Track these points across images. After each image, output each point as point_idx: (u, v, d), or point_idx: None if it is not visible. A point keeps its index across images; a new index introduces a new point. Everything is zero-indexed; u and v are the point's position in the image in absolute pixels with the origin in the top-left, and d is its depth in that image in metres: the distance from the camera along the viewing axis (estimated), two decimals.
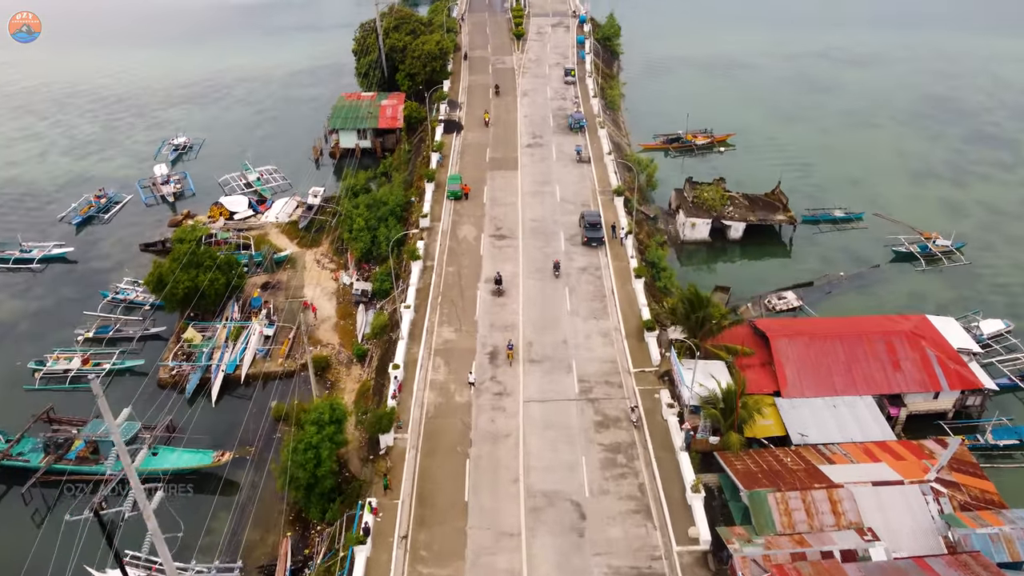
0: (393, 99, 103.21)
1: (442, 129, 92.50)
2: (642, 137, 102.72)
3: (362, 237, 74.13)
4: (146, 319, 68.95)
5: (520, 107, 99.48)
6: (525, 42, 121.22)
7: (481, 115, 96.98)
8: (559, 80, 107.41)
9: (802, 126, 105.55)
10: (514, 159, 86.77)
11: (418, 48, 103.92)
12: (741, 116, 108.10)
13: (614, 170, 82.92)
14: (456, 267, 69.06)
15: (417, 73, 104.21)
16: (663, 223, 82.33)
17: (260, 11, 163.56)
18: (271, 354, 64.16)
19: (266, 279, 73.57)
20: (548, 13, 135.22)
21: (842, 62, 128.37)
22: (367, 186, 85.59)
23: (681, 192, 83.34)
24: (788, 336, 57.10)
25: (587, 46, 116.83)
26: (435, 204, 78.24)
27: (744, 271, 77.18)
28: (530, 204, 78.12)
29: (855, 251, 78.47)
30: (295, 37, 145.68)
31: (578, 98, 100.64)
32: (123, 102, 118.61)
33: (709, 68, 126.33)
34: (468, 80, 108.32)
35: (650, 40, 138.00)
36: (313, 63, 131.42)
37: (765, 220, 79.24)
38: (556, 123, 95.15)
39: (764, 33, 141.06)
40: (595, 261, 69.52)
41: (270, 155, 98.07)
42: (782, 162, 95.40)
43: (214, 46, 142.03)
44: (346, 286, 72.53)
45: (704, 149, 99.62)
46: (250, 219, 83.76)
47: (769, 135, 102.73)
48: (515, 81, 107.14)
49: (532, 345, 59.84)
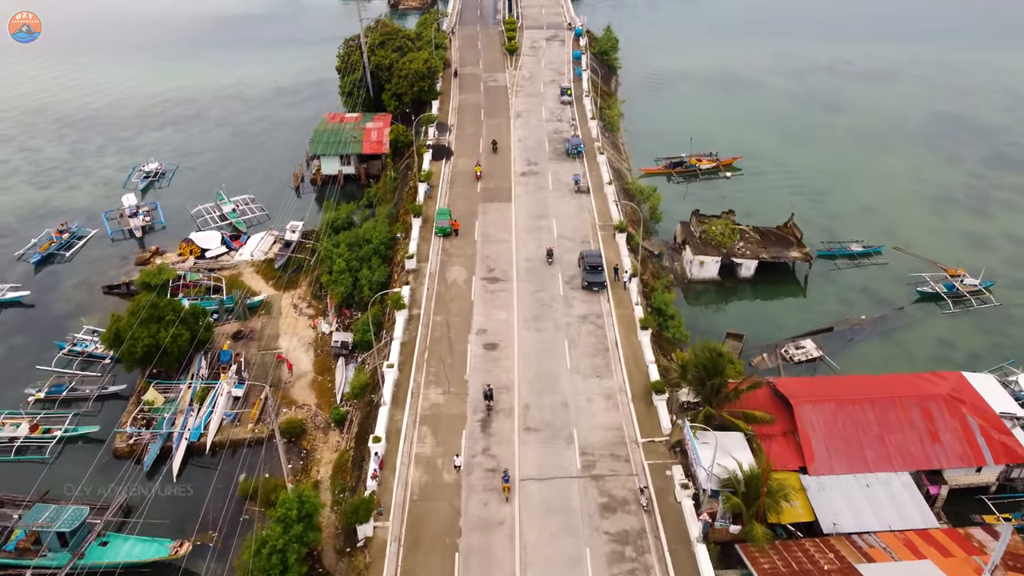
0: (379, 121, 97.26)
1: (430, 156, 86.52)
2: (643, 161, 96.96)
3: (343, 280, 68.10)
4: (105, 376, 62.76)
5: (513, 130, 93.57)
6: (518, 57, 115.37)
7: (473, 136, 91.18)
8: (555, 99, 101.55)
9: (811, 148, 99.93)
10: (507, 189, 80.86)
11: (405, 67, 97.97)
12: (747, 137, 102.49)
13: (615, 201, 77.13)
14: (444, 316, 63.11)
15: (404, 93, 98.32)
16: (668, 260, 76.52)
17: (244, 23, 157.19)
18: (240, 418, 58.04)
19: (238, 327, 67.44)
20: (542, 25, 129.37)
21: (850, 76, 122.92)
22: (350, 219, 79.65)
23: (687, 225, 77.58)
24: (813, 402, 51.36)
25: (584, 62, 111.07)
26: (422, 242, 72.28)
27: (757, 313, 71.48)
28: (525, 241, 72.24)
29: (876, 290, 72.85)
30: (279, 51, 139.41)
31: (575, 120, 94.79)
32: (94, 122, 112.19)
33: (711, 83, 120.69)
34: (458, 100, 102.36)
35: (649, 52, 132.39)
36: (297, 79, 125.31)
37: (778, 257, 73.52)
38: (552, 148, 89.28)
39: (767, 44, 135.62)
40: (596, 308, 63.65)
41: (248, 182, 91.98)
42: (792, 188, 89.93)
43: (193, 60, 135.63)
44: (325, 335, 66.48)
45: (709, 174, 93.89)
46: (223, 257, 77.61)
47: (777, 158, 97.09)
48: (508, 101, 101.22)
49: (529, 409, 53.98)
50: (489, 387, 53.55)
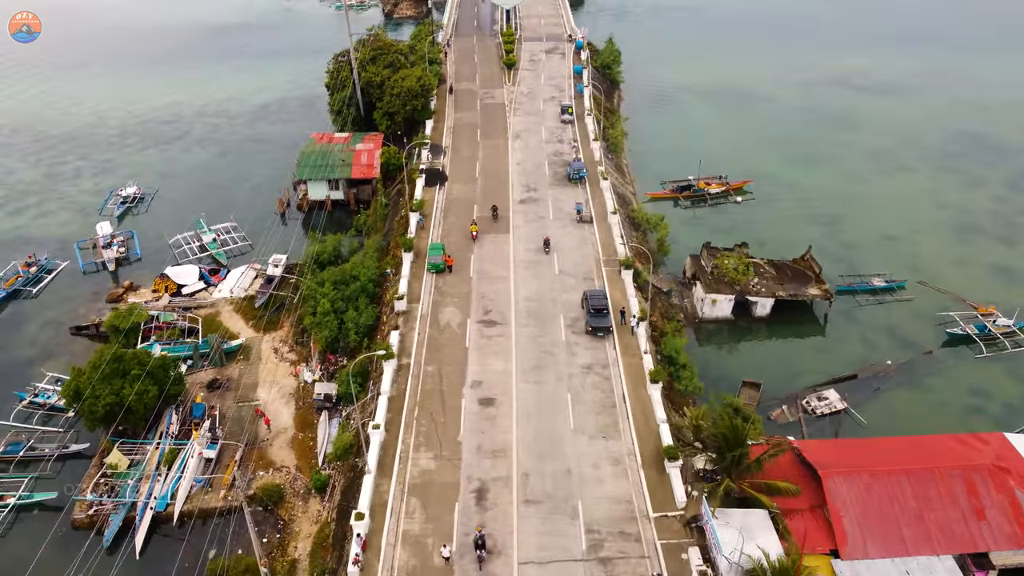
0: (369, 141, 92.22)
1: (423, 181, 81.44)
2: (649, 184, 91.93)
3: (327, 324, 62.97)
4: (66, 433, 57.65)
5: (512, 152, 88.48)
6: (517, 72, 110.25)
7: (468, 160, 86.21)
8: (555, 118, 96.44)
9: (825, 169, 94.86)
10: (505, 219, 75.78)
11: (397, 84, 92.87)
12: (756, 156, 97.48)
13: (620, 233, 72.06)
14: (437, 366, 58.00)
15: (396, 112, 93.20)
16: (678, 296, 71.48)
17: (234, 33, 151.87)
18: (212, 484, 52.92)
19: (214, 375, 62.34)
20: (541, 37, 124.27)
21: (862, 90, 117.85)
22: (337, 251, 74.68)
23: (698, 259, 72.53)
24: (844, 474, 46.26)
25: (585, 77, 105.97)
26: (413, 279, 67.18)
27: (773, 355, 66.44)
28: (524, 278, 67.14)
29: (901, 331, 67.84)
30: (267, 63, 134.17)
31: (576, 141, 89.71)
32: (72, 141, 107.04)
33: (717, 97, 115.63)
34: (453, 119, 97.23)
35: (652, 64, 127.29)
36: (285, 94, 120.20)
37: (796, 295, 68.44)
38: (552, 172, 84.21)
39: (774, 55, 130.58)
40: (602, 356, 58.57)
41: (231, 207, 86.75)
42: (807, 215, 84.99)
43: (180, 73, 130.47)
44: (308, 384, 61.40)
45: (718, 198, 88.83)
46: (200, 294, 72.52)
47: (789, 180, 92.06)
48: (506, 120, 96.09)
49: (529, 478, 48.91)
50: (480, 535, 43.09)
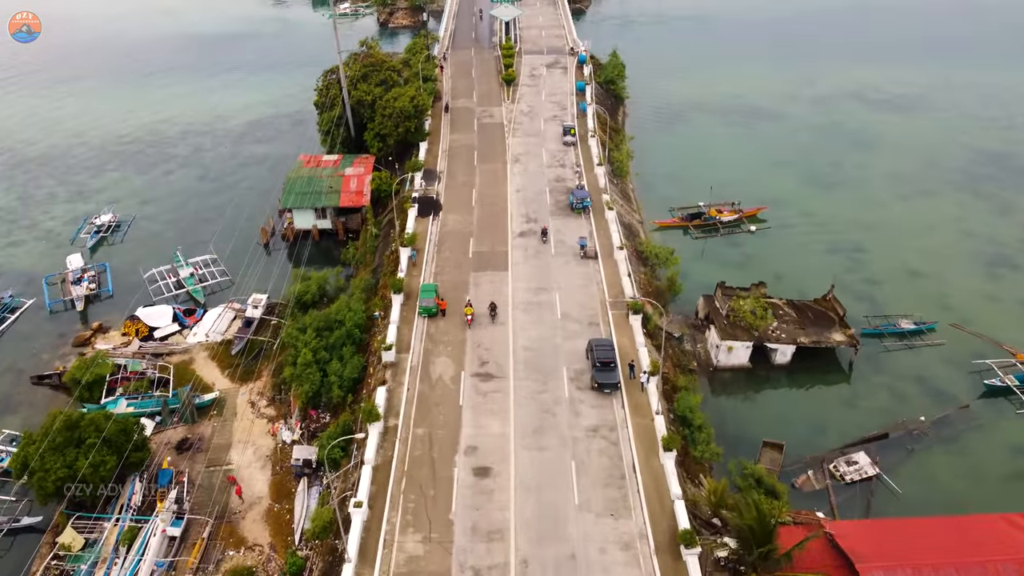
0: (360, 165, 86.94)
1: (416, 211, 76.10)
2: (657, 211, 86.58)
3: (308, 376, 57.56)
4: (19, 502, 52.31)
5: (511, 177, 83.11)
6: (516, 88, 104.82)
7: (464, 186, 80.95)
8: (557, 139, 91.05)
9: (844, 195, 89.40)
10: (503, 254, 70.42)
11: (389, 105, 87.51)
12: (769, 179, 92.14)
13: (628, 271, 66.69)
14: (427, 428, 52.64)
15: (388, 134, 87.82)
16: (690, 341, 66.07)
17: (222, 44, 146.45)
18: (176, 567, 47.54)
19: (184, 434, 56.99)
20: (542, 50, 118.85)
21: (879, 106, 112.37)
22: (323, 289, 69.43)
23: (711, 300, 67.14)
24: (884, 568, 40.91)
25: (588, 94, 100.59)
26: (403, 324, 61.81)
27: (795, 409, 61.04)
28: (524, 323, 61.77)
29: (934, 381, 62.45)
30: (258, 77, 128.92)
31: (580, 166, 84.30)
32: (48, 163, 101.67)
33: (727, 114, 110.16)
34: (449, 140, 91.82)
35: (658, 78, 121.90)
36: (274, 111, 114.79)
37: (820, 342, 63.00)
38: (554, 199, 78.86)
39: (786, 68, 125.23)
40: (609, 416, 53.21)
41: (212, 236, 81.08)
42: (825, 246, 79.65)
43: (164, 88, 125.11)
44: (286, 445, 56.03)
45: (731, 226, 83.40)
46: (174, 337, 67.15)
47: (805, 206, 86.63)
48: (504, 141, 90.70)
49: (528, 565, 43.57)
50: None
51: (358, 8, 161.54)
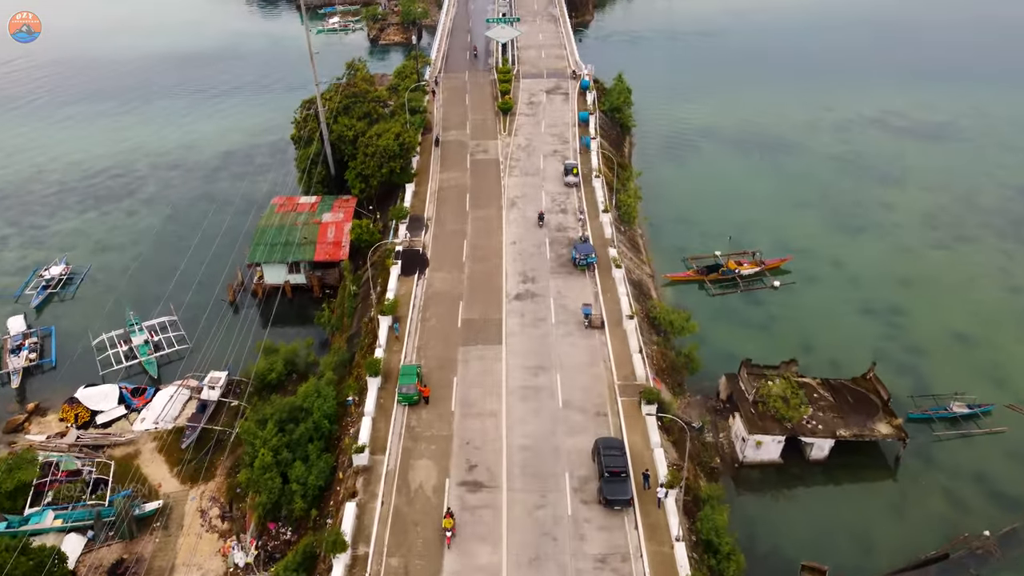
0: (339, 210, 78.60)
1: (399, 268, 67.65)
2: (669, 261, 78.17)
3: (267, 483, 49.00)
4: None
5: (506, 226, 74.61)
6: (513, 119, 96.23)
7: (454, 237, 72.61)
8: (557, 179, 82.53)
9: (873, 242, 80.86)
10: (497, 323, 61.92)
11: (372, 143, 79.01)
12: (791, 223, 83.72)
13: (639, 346, 58.24)
14: (404, 559, 44.16)
15: (371, 175, 79.31)
16: (711, 430, 57.47)
17: (203, 63, 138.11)
18: None
19: (119, 554, 48.52)
20: (542, 73, 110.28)
21: (904, 134, 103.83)
22: (292, 363, 61.05)
23: (735, 381, 58.57)
24: None
25: (592, 125, 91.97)
26: (380, 416, 53.34)
27: (837, 519, 52.24)
28: (519, 414, 53.32)
29: (997, 480, 53.92)
30: (238, 100, 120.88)
31: (583, 213, 75.74)
32: (0, 202, 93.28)
33: (742, 144, 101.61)
34: (439, 180, 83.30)
35: (665, 103, 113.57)
36: (253, 140, 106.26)
37: (862, 435, 54.41)
38: (555, 253, 70.38)
39: (802, 90, 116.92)
40: (620, 541, 44.75)
41: (174, 291, 72.39)
42: (858, 305, 71.29)
43: (136, 112, 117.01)
44: (238, 571, 47.52)
45: (751, 281, 74.84)
46: (119, 424, 58.67)
47: (833, 256, 78.08)
48: (500, 181, 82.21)
49: None
50: None
51: (348, 23, 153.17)
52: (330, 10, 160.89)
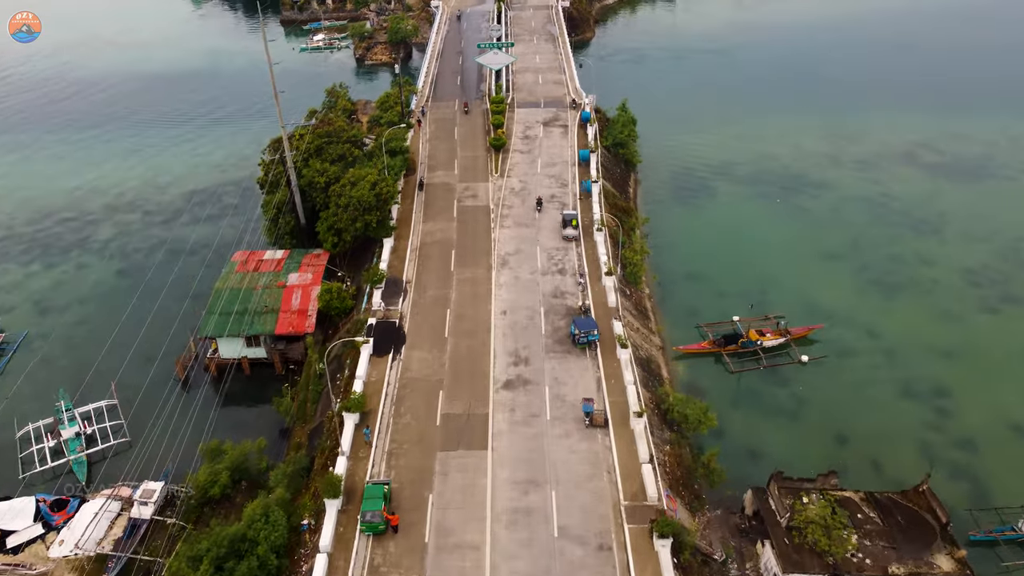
0: (308, 268, 69.62)
1: (371, 347, 58.60)
2: (679, 328, 69.00)
3: None
4: None
5: (496, 290, 65.55)
6: (506, 157, 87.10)
7: (436, 305, 63.60)
8: (555, 230, 73.47)
9: (911, 304, 71.60)
10: (483, 419, 52.89)
11: (345, 193, 69.93)
12: (817, 281, 74.52)
13: (650, 456, 49.22)
14: None
15: (345, 229, 70.20)
16: (736, 562, 48.21)
17: (178, 84, 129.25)
18: None
19: None
20: (539, 101, 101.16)
21: (938, 172, 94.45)
22: (243, 468, 51.93)
23: (764, 496, 49.38)
24: None
25: (593, 166, 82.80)
26: (337, 553, 44.33)
27: None
28: (506, 546, 44.39)
29: None
30: (211, 129, 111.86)
31: (583, 276, 66.58)
32: None
33: (758, 184, 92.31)
34: (422, 232, 74.20)
35: (674, 133, 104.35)
36: (222, 177, 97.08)
37: (919, 573, 45.15)
38: (551, 326, 61.31)
39: (822, 119, 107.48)
40: None
41: (118, 366, 62.71)
42: (898, 385, 62.27)
43: (99, 141, 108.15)
44: None
45: (776, 354, 65.59)
46: (33, 547, 49.54)
47: (867, 324, 68.82)
48: (490, 234, 73.13)
49: None
50: None
51: (333, 41, 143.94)
52: (315, 26, 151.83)
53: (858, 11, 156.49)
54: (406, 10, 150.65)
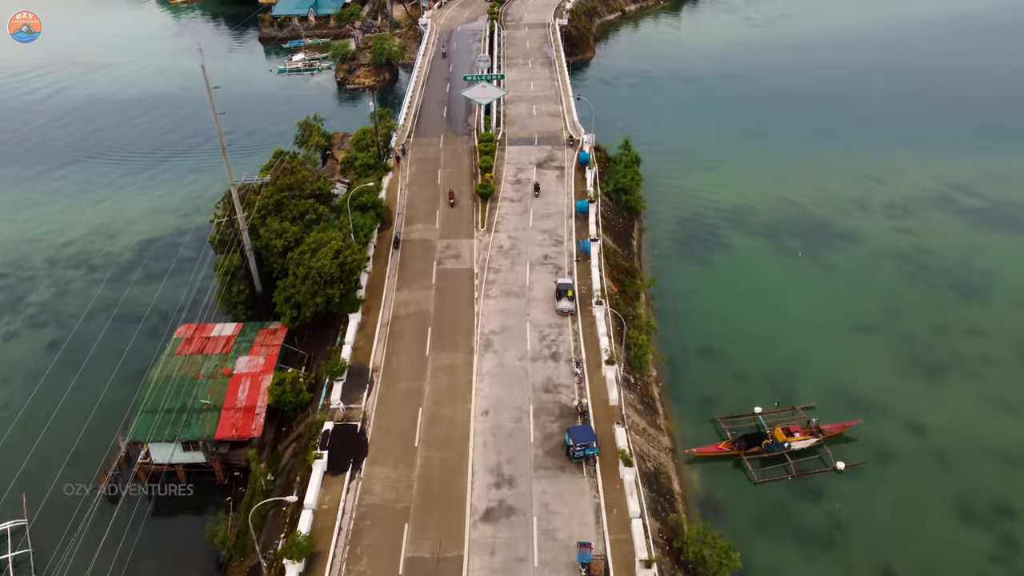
0: (261, 349, 60.22)
1: (324, 464, 48.98)
2: (692, 420, 59.45)
3: None
4: None
5: (477, 382, 55.90)
6: (495, 206, 77.42)
7: (407, 401, 54.03)
8: (547, 303, 63.75)
9: (960, 389, 61.85)
10: (456, 565, 43.30)
11: (304, 263, 60.25)
12: (851, 359, 64.82)
13: None
14: None
15: (304, 304, 60.50)
16: None
17: (145, 112, 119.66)
18: None
19: None
20: (532, 137, 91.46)
21: (979, 220, 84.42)
22: None
23: None
24: None
25: (592, 221, 73.08)
26: None
27: None
28: None
29: None
30: (174, 164, 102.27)
31: (581, 367, 56.82)
32: None
33: (778, 235, 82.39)
34: (395, 304, 64.49)
35: (681, 172, 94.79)
36: (181, 223, 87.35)
37: None
38: (542, 432, 51.69)
39: (844, 155, 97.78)
40: None
41: (36, 472, 53.22)
42: (954, 502, 52.66)
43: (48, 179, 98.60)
44: None
45: (806, 459, 55.78)
46: None
47: (912, 416, 59.05)
48: (473, 306, 63.45)
49: None
50: None
51: (313, 62, 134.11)
52: (296, 44, 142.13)
53: (882, 28, 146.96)
54: (393, 27, 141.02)
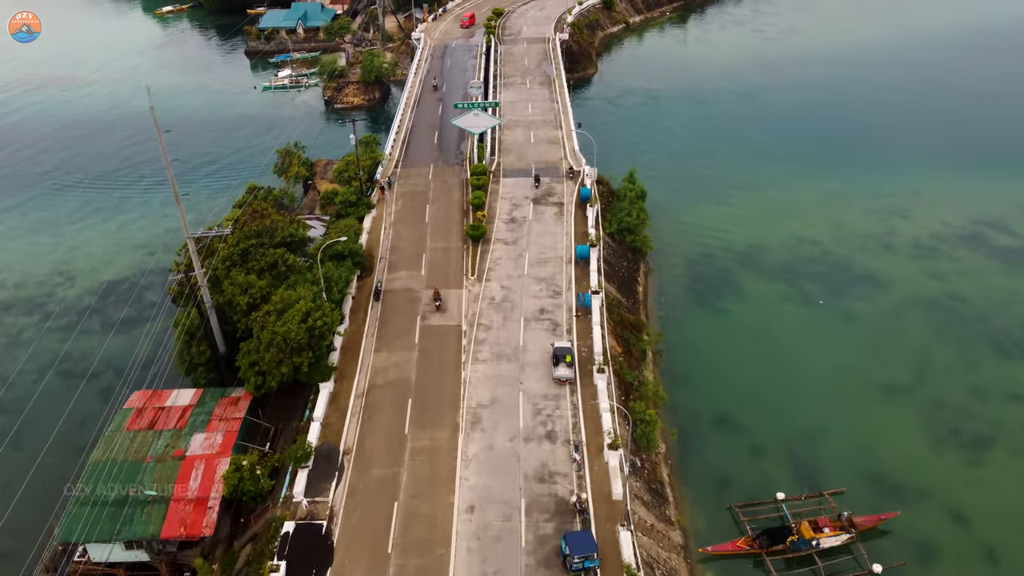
0: (220, 424, 53.53)
1: (282, 574, 42.25)
2: (706, 511, 52.51)
3: None
4: None
5: (462, 468, 49.12)
6: (487, 250, 70.67)
7: (381, 493, 47.32)
8: (543, 366, 56.99)
9: (1008, 471, 54.89)
10: None
11: (269, 326, 53.48)
12: (883, 432, 57.86)
13: None
14: None
15: (269, 372, 53.73)
16: None
17: (119, 135, 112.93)
18: None
19: None
20: (528, 167, 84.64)
21: (1012, 262, 77.55)
22: None
23: None
24: None
25: (594, 270, 66.29)
26: None
27: None
28: None
29: None
30: (146, 194, 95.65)
31: (579, 452, 49.97)
32: None
33: (795, 279, 75.50)
34: (372, 369, 57.67)
35: (688, 206, 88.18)
36: (145, 263, 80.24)
37: None
38: (535, 535, 44.90)
39: (863, 185, 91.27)
40: None
41: None
42: None
43: (13, 212, 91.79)
44: None
45: (836, 559, 48.96)
46: None
47: (954, 503, 52.21)
48: (460, 372, 56.66)
49: None
50: None
51: (300, 79, 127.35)
52: (283, 58, 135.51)
53: (900, 43, 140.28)
54: (386, 40, 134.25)
